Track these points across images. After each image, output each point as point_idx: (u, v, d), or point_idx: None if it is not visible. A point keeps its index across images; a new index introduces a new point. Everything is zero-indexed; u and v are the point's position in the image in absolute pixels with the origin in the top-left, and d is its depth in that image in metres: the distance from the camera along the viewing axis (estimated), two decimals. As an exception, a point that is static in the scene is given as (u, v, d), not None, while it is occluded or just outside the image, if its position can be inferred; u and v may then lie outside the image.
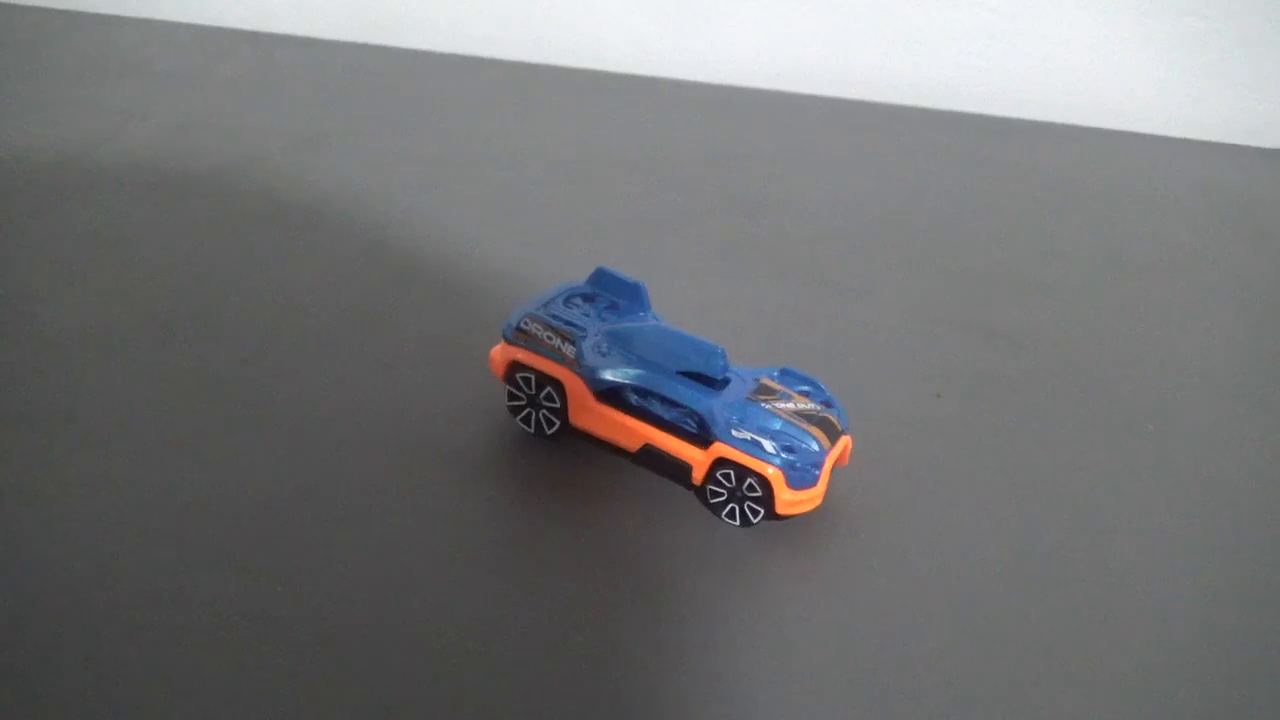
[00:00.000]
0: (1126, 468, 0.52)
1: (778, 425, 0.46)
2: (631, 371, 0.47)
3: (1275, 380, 0.60)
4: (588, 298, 0.51)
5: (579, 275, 0.53)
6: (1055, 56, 0.95)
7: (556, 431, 0.50)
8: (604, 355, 0.48)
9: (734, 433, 0.46)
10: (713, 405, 0.46)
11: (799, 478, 0.45)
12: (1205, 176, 0.87)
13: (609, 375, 0.48)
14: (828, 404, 0.48)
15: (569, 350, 0.48)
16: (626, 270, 0.52)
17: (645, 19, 0.99)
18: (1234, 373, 0.61)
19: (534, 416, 0.50)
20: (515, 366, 0.50)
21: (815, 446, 0.46)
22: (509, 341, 0.50)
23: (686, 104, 0.93)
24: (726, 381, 0.47)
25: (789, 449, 0.45)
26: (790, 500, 0.45)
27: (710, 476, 0.46)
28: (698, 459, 0.47)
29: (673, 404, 0.47)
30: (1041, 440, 0.54)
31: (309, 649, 0.40)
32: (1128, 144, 0.92)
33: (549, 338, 0.49)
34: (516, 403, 0.50)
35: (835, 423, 0.47)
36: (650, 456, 0.48)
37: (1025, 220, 0.77)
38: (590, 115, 0.90)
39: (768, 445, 0.45)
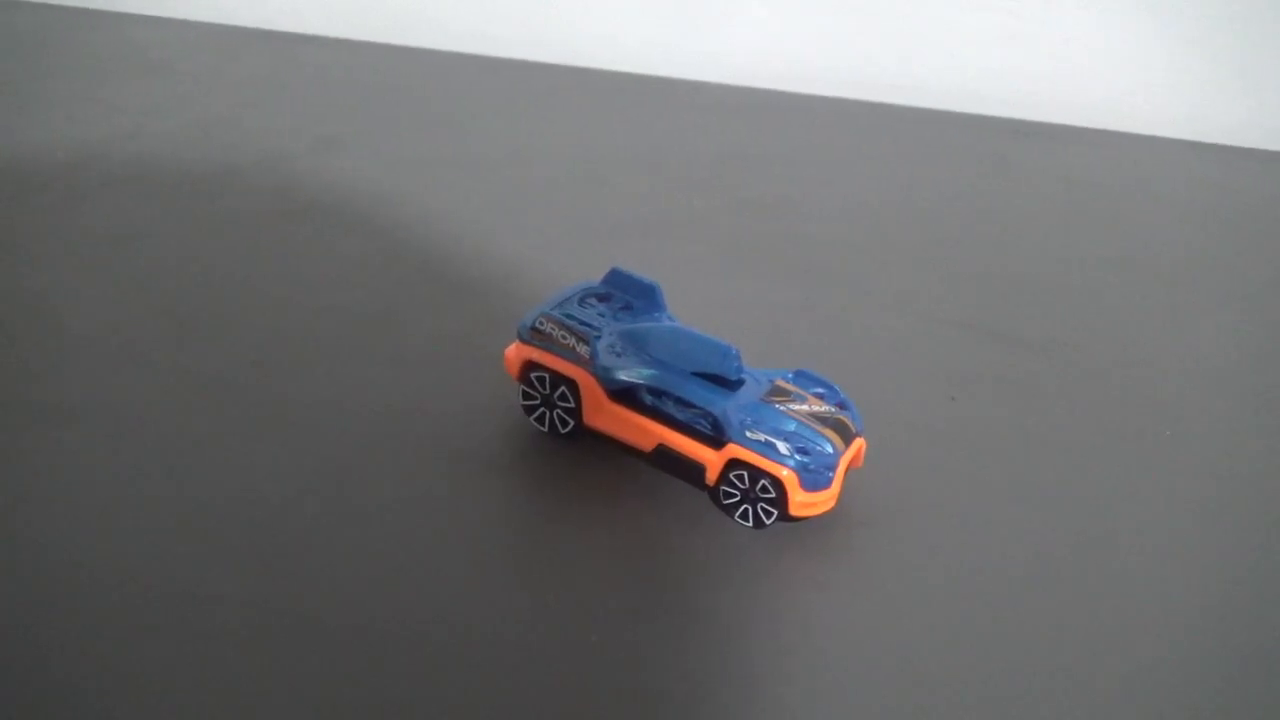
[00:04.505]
0: (1141, 471, 0.52)
1: (792, 427, 0.46)
2: (646, 372, 0.47)
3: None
4: (603, 298, 0.51)
5: (590, 274, 0.53)
6: (1067, 59, 0.95)
7: (571, 431, 0.50)
8: (618, 355, 0.48)
9: (748, 434, 0.46)
10: (727, 406, 0.46)
11: (813, 480, 0.45)
12: (1218, 179, 0.86)
13: (623, 375, 0.48)
14: (842, 406, 0.48)
15: (584, 350, 0.48)
16: (637, 270, 0.52)
17: (657, 20, 0.99)
18: (1250, 377, 0.60)
19: (548, 416, 0.50)
20: (530, 366, 0.50)
21: (829, 448, 0.45)
22: (524, 341, 0.50)
23: (701, 104, 0.93)
24: (741, 383, 0.47)
25: (803, 451, 0.45)
26: (804, 502, 0.45)
27: (724, 478, 0.46)
28: (711, 460, 0.47)
29: (687, 405, 0.47)
30: (1054, 443, 0.54)
31: (320, 648, 0.40)
32: (1140, 147, 0.92)
33: (564, 337, 0.49)
34: (531, 402, 0.50)
35: (849, 425, 0.47)
36: (664, 457, 0.48)
37: (1036, 223, 0.77)
38: (601, 115, 0.90)
39: (782, 447, 0.45)
